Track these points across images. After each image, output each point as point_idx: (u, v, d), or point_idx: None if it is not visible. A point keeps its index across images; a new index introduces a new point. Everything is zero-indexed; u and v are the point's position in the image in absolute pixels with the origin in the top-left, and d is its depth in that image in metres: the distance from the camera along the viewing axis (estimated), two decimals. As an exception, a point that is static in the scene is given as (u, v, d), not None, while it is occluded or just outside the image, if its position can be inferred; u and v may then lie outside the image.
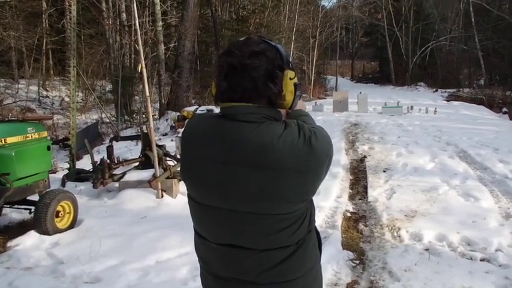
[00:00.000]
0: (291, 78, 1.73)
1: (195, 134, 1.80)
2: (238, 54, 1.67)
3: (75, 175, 8.08)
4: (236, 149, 1.66)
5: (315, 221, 1.93)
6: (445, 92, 30.34)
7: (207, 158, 1.73)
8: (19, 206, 6.17)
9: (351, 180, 8.64)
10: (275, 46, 1.74)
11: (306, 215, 1.80)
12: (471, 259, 5.06)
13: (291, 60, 1.82)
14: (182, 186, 7.47)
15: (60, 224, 5.98)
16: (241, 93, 1.68)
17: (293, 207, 1.71)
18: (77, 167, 8.76)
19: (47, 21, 25.84)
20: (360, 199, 7.50)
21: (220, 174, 1.70)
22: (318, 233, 1.99)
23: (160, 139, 13.98)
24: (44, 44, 25.74)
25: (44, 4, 25.34)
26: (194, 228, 1.94)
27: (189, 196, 1.88)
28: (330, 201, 7.05)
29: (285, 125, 1.70)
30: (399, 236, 5.75)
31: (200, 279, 2.03)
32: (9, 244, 5.56)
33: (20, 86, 24.01)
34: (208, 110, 13.90)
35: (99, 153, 10.35)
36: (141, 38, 8.71)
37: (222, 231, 1.79)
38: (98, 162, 7.50)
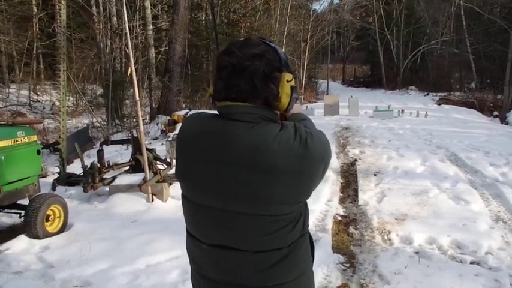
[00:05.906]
0: (288, 81, 1.73)
1: (190, 133, 1.80)
2: (238, 55, 1.67)
3: (66, 179, 8.06)
4: (230, 148, 1.66)
5: (308, 226, 1.92)
6: (436, 95, 30.39)
7: (201, 156, 1.73)
8: (9, 210, 6.15)
9: (341, 183, 8.64)
10: (274, 48, 1.75)
11: (299, 218, 1.80)
12: (461, 262, 5.09)
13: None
14: (172, 190, 7.48)
15: (50, 228, 5.96)
16: (238, 93, 1.68)
17: (286, 209, 1.70)
18: (67, 171, 8.72)
19: (37, 25, 25.70)
20: (350, 202, 7.51)
21: (213, 172, 1.69)
22: (311, 238, 1.99)
23: (150, 143, 13.96)
24: (35, 48, 25.68)
25: (35, 8, 25.31)
26: (187, 228, 1.92)
27: (182, 195, 1.88)
28: (321, 204, 7.05)
29: (281, 126, 1.69)
30: (389, 239, 5.76)
31: (191, 282, 2.02)
32: (-2, 248, 5.53)
33: (10, 90, 23.98)
34: (199, 114, 13.90)
35: (90, 158, 10.33)
36: (132, 42, 8.70)
37: (214, 230, 1.77)
38: (88, 166, 7.48)
